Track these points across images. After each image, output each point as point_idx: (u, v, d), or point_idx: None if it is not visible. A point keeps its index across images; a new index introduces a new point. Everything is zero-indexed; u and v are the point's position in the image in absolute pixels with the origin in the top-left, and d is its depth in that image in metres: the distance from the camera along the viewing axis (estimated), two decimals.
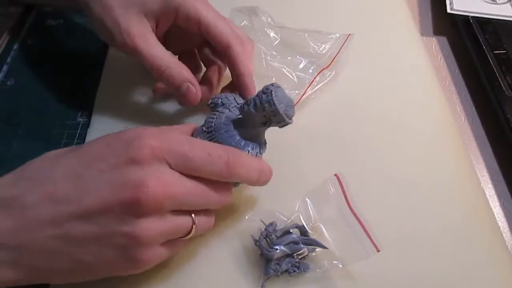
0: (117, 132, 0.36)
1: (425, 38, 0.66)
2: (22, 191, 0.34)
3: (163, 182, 0.33)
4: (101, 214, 0.33)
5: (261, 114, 0.39)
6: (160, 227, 0.34)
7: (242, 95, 0.47)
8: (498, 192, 0.50)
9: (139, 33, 0.44)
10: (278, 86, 0.39)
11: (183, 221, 0.36)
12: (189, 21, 0.46)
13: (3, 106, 0.55)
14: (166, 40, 0.50)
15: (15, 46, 0.62)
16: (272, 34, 0.57)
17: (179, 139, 0.35)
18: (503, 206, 0.49)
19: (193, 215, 0.36)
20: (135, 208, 0.32)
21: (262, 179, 0.40)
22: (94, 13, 0.45)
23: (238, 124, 0.41)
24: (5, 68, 0.59)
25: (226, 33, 0.46)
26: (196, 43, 0.52)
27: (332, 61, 0.55)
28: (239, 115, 0.42)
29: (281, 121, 0.39)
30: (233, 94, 0.45)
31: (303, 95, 0.53)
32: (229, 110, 0.42)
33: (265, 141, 0.43)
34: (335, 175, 0.43)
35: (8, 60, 0.60)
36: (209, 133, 0.41)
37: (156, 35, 0.46)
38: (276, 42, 0.56)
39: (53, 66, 0.59)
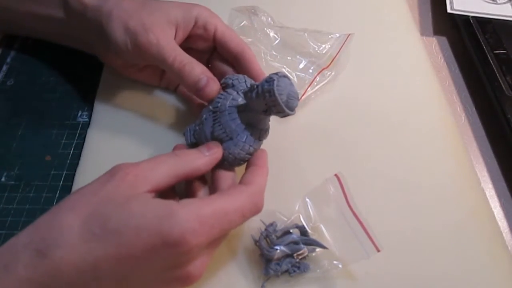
0: (156, 220, 0.33)
1: (425, 38, 0.66)
2: None
3: (206, 262, 0.36)
4: None
5: (262, 102, 0.39)
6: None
7: None
8: (498, 192, 0.51)
9: (163, 32, 0.46)
10: (284, 76, 0.39)
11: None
12: (206, 29, 0.49)
13: (3, 106, 0.55)
14: None
15: (15, 46, 0.62)
16: (272, 34, 0.57)
17: (217, 214, 0.35)
18: (503, 206, 0.49)
19: None
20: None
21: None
22: (113, 18, 0.47)
23: (242, 108, 0.42)
24: (5, 68, 0.59)
25: (239, 40, 0.50)
26: (205, 58, 0.53)
27: (332, 61, 0.55)
28: (244, 99, 0.42)
29: (281, 111, 0.39)
30: (245, 76, 0.46)
31: (303, 95, 0.53)
32: (237, 93, 0.43)
33: (267, 128, 0.43)
34: (335, 175, 0.43)
35: (8, 60, 0.60)
36: (214, 113, 0.42)
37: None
38: (276, 42, 0.57)
39: (53, 66, 0.59)
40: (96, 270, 0.32)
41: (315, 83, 0.54)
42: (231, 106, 0.42)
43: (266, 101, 0.39)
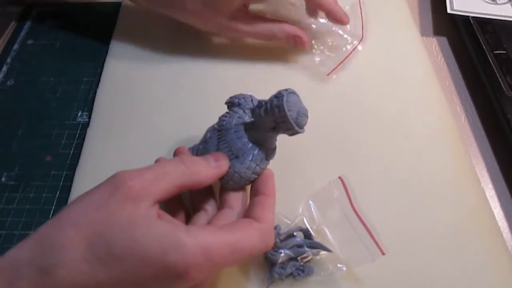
0: (160, 250, 0.32)
1: (425, 39, 0.66)
2: None
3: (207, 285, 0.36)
4: None
5: (271, 119, 0.38)
6: None
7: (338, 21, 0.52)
8: (498, 192, 0.51)
9: None
10: (293, 92, 0.38)
11: None
12: None
13: (3, 106, 0.55)
14: None
15: (15, 46, 0.62)
16: None
17: (225, 251, 0.33)
18: (503, 206, 0.50)
19: None
20: None
21: None
22: None
23: (248, 126, 0.40)
24: (5, 68, 0.59)
25: None
26: None
27: (363, 30, 0.59)
28: (251, 117, 0.41)
29: (291, 128, 0.38)
30: (251, 96, 0.44)
31: (336, 67, 0.57)
32: (244, 111, 0.42)
33: (274, 147, 0.42)
34: (339, 177, 0.43)
35: (8, 60, 0.60)
36: (219, 132, 0.41)
37: None
38: None
39: (53, 66, 0.59)
40: None
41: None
42: (237, 124, 0.41)
43: (275, 118, 0.37)
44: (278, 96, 0.37)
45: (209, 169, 0.38)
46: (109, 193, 0.33)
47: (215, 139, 0.41)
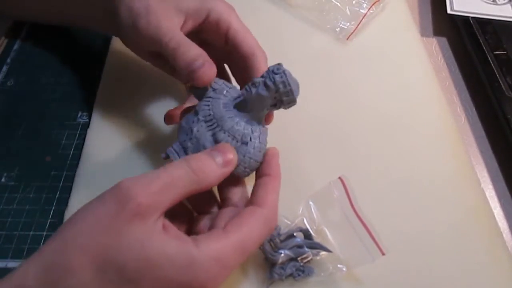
0: (175, 270, 0.31)
1: (425, 39, 0.66)
2: None
3: None
4: None
5: (273, 95, 0.38)
6: None
7: None
8: (498, 193, 0.51)
9: (167, 16, 0.44)
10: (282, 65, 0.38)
11: None
12: (218, 25, 0.46)
13: (3, 107, 0.55)
14: None
15: (15, 47, 0.62)
16: None
17: (236, 252, 0.33)
18: (503, 206, 0.50)
19: None
20: None
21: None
22: (122, 1, 0.45)
23: (241, 109, 0.40)
24: (5, 68, 0.59)
25: (253, 43, 0.47)
26: (219, 55, 0.50)
27: None
28: (236, 99, 0.41)
29: (292, 101, 0.39)
30: (220, 79, 0.43)
31: (357, 26, 0.61)
32: (224, 95, 0.41)
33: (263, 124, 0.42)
34: (339, 177, 0.43)
35: (8, 60, 0.60)
36: (208, 122, 0.39)
37: (183, 30, 0.46)
38: None
39: (53, 66, 0.59)
40: None
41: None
42: (228, 109, 0.40)
43: (279, 94, 0.38)
44: (278, 72, 0.37)
45: (217, 170, 0.36)
46: (116, 211, 0.31)
47: (205, 132, 0.39)
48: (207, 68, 0.41)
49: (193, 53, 0.41)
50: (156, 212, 0.32)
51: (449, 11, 0.64)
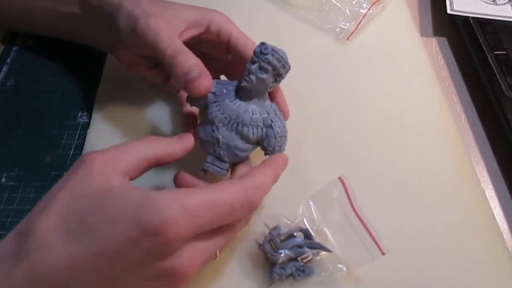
0: (133, 210, 0.31)
1: (425, 39, 0.66)
2: None
3: (195, 259, 0.33)
4: None
5: (272, 74, 0.40)
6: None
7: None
8: (498, 193, 0.51)
9: (166, 22, 0.44)
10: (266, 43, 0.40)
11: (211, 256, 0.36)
12: (219, 35, 0.47)
13: (3, 107, 0.55)
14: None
15: (15, 47, 0.62)
16: None
17: (203, 204, 0.32)
18: (503, 206, 0.50)
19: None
20: None
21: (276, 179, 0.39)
22: (122, 7, 0.45)
23: (246, 98, 0.41)
24: (5, 68, 0.59)
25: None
26: (220, 67, 0.51)
27: None
28: (234, 89, 0.42)
29: (287, 70, 0.41)
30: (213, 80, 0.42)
31: (357, 26, 0.62)
32: (225, 94, 0.42)
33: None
34: (339, 177, 0.43)
35: (8, 61, 0.60)
36: (227, 124, 0.40)
37: (181, 39, 0.46)
38: None
39: (53, 66, 0.59)
40: (73, 268, 0.30)
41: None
42: (237, 104, 0.41)
43: (277, 70, 0.40)
44: (266, 51, 0.39)
45: (175, 142, 0.38)
46: (73, 171, 0.33)
47: (231, 134, 0.41)
48: (203, 78, 0.40)
49: (190, 63, 0.41)
50: (114, 169, 0.33)
51: (449, 11, 0.64)
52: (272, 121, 0.41)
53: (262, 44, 0.39)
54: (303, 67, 0.58)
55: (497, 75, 0.56)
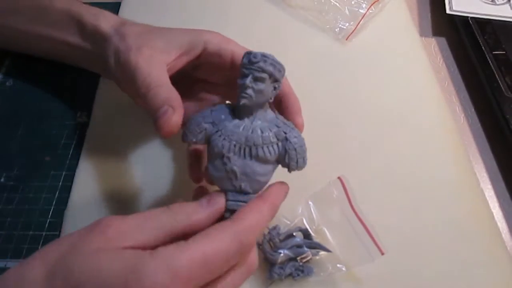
0: (123, 279, 0.29)
1: (424, 39, 0.66)
2: None
3: None
4: None
5: (269, 82, 0.36)
6: None
7: (289, 115, 0.43)
8: (497, 193, 0.51)
9: (149, 54, 0.42)
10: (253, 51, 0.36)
11: None
12: (221, 54, 0.44)
13: (3, 107, 0.55)
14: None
15: None
16: None
17: (193, 264, 0.30)
18: (502, 206, 0.50)
19: None
20: None
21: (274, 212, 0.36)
22: (112, 41, 0.44)
23: (247, 115, 0.37)
24: (4, 68, 0.59)
25: None
26: (224, 91, 0.49)
27: None
28: (231, 111, 0.38)
29: (284, 73, 0.37)
30: (204, 111, 0.39)
31: (356, 26, 0.62)
32: (225, 119, 0.37)
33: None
34: (339, 177, 0.43)
35: (8, 61, 0.60)
36: (239, 152, 0.36)
37: (177, 66, 0.44)
38: None
39: (53, 66, 0.59)
40: None
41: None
42: (242, 128, 0.37)
43: (275, 77, 0.36)
44: (256, 59, 0.35)
45: (200, 211, 0.34)
46: (85, 232, 0.31)
47: (246, 161, 0.36)
48: (168, 115, 0.37)
49: (160, 98, 0.38)
50: (126, 241, 0.31)
51: (448, 11, 0.64)
52: (285, 132, 0.37)
53: (249, 53, 0.35)
54: (303, 67, 0.58)
55: (496, 75, 0.56)
